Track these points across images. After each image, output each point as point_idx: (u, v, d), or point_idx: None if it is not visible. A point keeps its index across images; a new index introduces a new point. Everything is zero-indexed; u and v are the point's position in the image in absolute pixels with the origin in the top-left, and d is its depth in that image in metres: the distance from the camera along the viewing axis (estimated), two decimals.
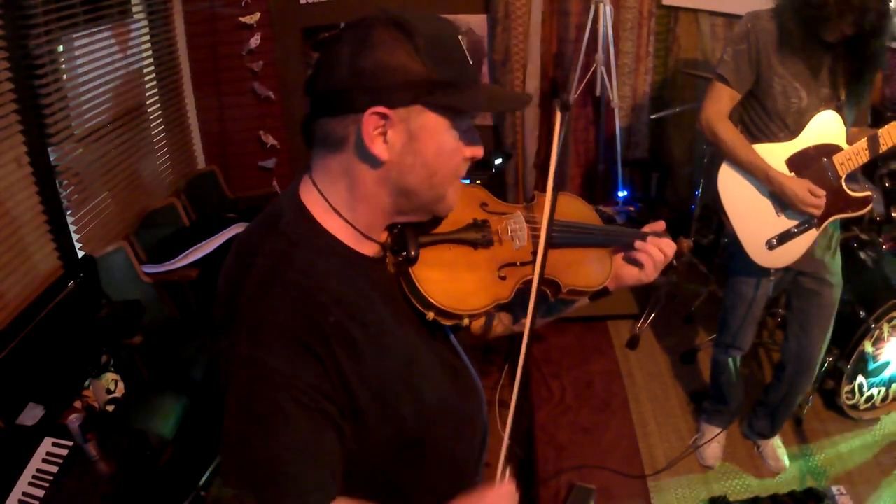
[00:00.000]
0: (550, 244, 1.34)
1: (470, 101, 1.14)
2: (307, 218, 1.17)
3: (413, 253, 1.20)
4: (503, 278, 1.29)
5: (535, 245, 1.31)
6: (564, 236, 1.42)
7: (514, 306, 1.44)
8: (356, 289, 1.15)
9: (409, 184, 1.15)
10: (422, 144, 1.12)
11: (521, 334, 1.28)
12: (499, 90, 1.25)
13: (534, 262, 1.30)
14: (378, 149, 1.10)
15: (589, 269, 1.47)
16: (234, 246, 1.21)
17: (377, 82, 1.07)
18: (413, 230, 1.23)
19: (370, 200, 1.17)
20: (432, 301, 1.19)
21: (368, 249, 1.22)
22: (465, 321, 1.25)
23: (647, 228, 1.57)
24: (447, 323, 1.24)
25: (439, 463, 1.30)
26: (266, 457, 1.06)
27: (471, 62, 1.16)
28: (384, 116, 1.08)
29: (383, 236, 1.25)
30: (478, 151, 1.21)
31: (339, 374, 1.09)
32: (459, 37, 1.16)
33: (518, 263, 1.33)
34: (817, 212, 2.53)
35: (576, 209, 1.56)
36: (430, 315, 1.21)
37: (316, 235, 1.16)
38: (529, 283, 1.29)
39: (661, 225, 1.59)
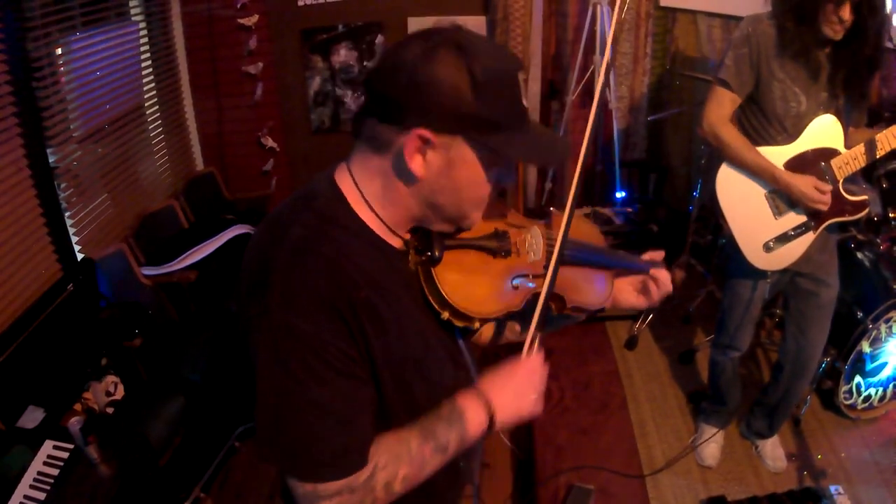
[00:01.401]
0: (562, 262, 1.38)
1: (509, 148, 1.16)
2: (342, 201, 1.21)
3: (438, 254, 1.26)
4: (515, 288, 1.34)
5: (549, 260, 1.35)
6: (576, 255, 1.48)
7: (521, 317, 1.47)
8: (383, 272, 1.20)
9: (438, 201, 1.20)
10: (457, 172, 1.16)
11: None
12: (542, 138, 1.25)
13: (545, 275, 1.33)
14: (416, 166, 1.14)
15: (593, 289, 1.53)
16: (265, 222, 1.24)
17: (429, 104, 1.10)
18: (438, 233, 1.28)
19: (400, 205, 1.22)
20: (450, 301, 1.24)
21: (394, 242, 1.26)
22: (477, 324, 1.29)
23: (646, 257, 1.63)
24: (460, 324, 1.27)
25: None
26: (297, 418, 1.10)
27: (523, 104, 1.19)
28: (427, 141, 1.12)
29: (407, 234, 1.29)
30: (509, 184, 1.27)
31: (366, 344, 1.14)
32: (519, 74, 1.18)
33: (531, 276, 1.37)
34: (824, 207, 2.53)
35: (586, 231, 1.61)
36: (446, 315, 1.25)
37: (348, 219, 1.20)
38: (538, 295, 1.32)
39: (660, 255, 1.64)
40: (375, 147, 1.18)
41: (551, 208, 1.57)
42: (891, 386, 3.37)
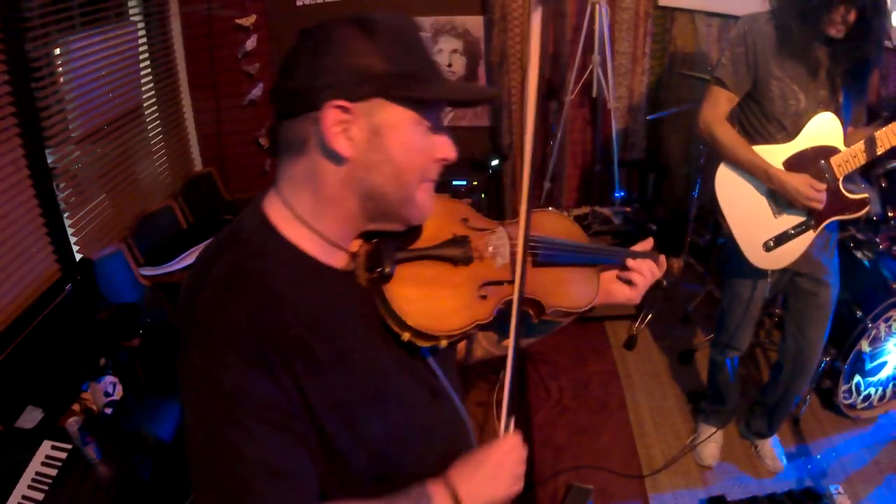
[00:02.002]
0: (535, 263, 1.32)
1: (432, 90, 1.10)
2: (269, 229, 1.12)
3: (388, 269, 1.13)
4: (484, 297, 1.23)
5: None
6: (550, 255, 1.37)
7: (497, 326, 1.35)
8: (321, 302, 1.11)
9: (375, 183, 1.10)
10: (386, 140, 1.08)
11: (503, 357, 1.25)
12: (464, 84, 1.20)
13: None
14: (340, 145, 1.06)
15: (574, 290, 1.41)
16: (196, 261, 1.14)
17: (336, 77, 1.04)
18: (389, 245, 1.17)
19: (336, 205, 1.12)
20: (408, 322, 1.12)
21: (337, 260, 1.16)
22: (444, 343, 1.17)
23: (637, 247, 1.53)
24: (424, 344, 1.16)
25: None
26: (224, 470, 1.01)
27: (432, 59, 1.13)
28: (345, 110, 1.05)
29: (354, 245, 1.19)
30: (449, 152, 1.16)
31: (299, 390, 1.04)
32: (422, 34, 1.13)
33: (500, 282, 1.26)
34: (819, 205, 2.52)
35: (563, 227, 1.49)
36: (406, 336, 1.14)
37: (278, 247, 1.11)
38: (510, 303, 1.23)
39: (649, 243, 1.56)
40: (295, 150, 1.10)
41: (549, 208, 1.49)
42: (890, 385, 3.37)
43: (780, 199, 2.61)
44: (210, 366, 1.01)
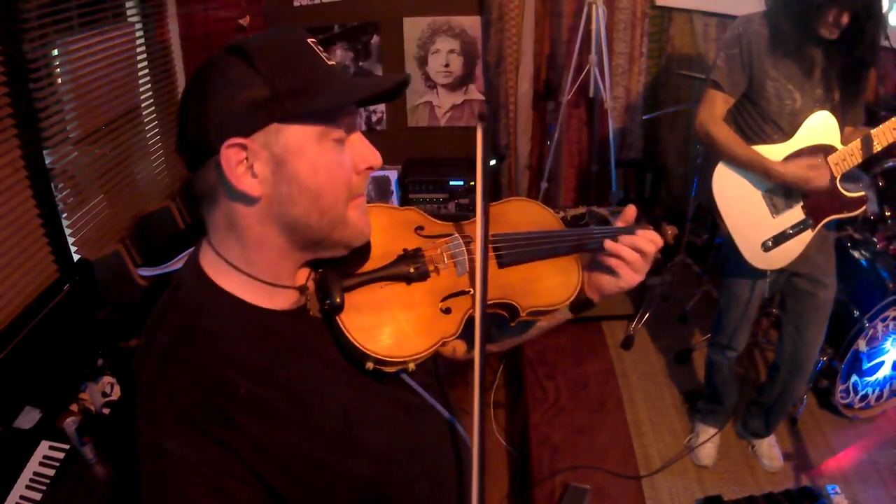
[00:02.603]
0: (500, 265, 1.25)
1: (325, 100, 1.01)
2: (206, 283, 1.07)
3: (337, 300, 1.07)
4: (447, 311, 1.16)
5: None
6: (515, 251, 1.27)
7: (468, 337, 1.24)
8: (269, 351, 1.05)
9: (295, 215, 1.03)
10: (292, 168, 1.01)
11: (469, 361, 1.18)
12: (369, 79, 1.10)
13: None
14: (246, 184, 1.00)
15: (550, 285, 1.29)
16: (144, 327, 1.10)
17: (223, 114, 0.98)
18: (336, 273, 1.11)
19: (264, 246, 1.06)
20: (367, 352, 1.07)
21: (284, 300, 1.11)
22: (411, 366, 1.11)
23: (619, 223, 1.39)
24: (390, 370, 1.11)
25: None
26: None
27: (327, 61, 1.04)
28: (242, 147, 0.98)
29: (301, 278, 1.13)
30: (370, 159, 1.09)
31: (259, 449, 0.99)
32: (310, 40, 1.04)
33: (463, 292, 1.19)
34: (823, 182, 2.52)
35: (529, 216, 1.38)
36: (370, 365, 1.08)
37: (217, 301, 1.06)
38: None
39: (631, 213, 1.40)
40: (209, 199, 1.06)
41: (514, 196, 1.38)
42: (888, 385, 3.37)
43: (778, 198, 2.62)
44: (156, 435, 0.99)
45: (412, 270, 1.16)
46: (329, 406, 1.08)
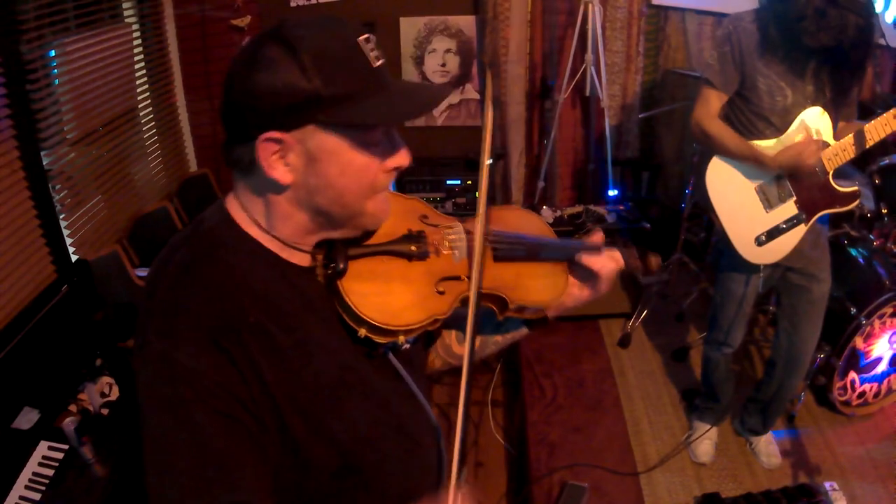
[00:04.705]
0: (495, 258, 1.32)
1: (364, 115, 1.05)
2: (230, 223, 1.13)
3: (342, 265, 1.14)
4: (441, 293, 1.24)
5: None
6: (510, 249, 1.36)
7: (460, 325, 1.33)
8: (282, 294, 1.11)
9: (319, 204, 1.10)
10: (323, 166, 1.06)
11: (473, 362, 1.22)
12: (411, 90, 1.12)
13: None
14: (278, 173, 1.06)
15: (539, 284, 1.39)
16: (162, 249, 1.15)
17: (265, 105, 1.02)
18: (343, 241, 1.18)
19: (289, 220, 1.12)
20: (363, 316, 1.13)
21: (297, 259, 1.16)
22: (401, 338, 1.17)
23: (587, 239, 1.46)
24: (381, 340, 1.16)
25: (384, 494, 1.22)
26: (173, 463, 0.98)
27: (374, 61, 1.07)
28: (278, 141, 1.03)
29: (312, 243, 1.19)
30: (400, 160, 1.14)
31: (259, 378, 1.02)
32: (361, 39, 1.06)
33: (458, 277, 1.27)
34: (816, 157, 2.49)
35: (526, 223, 1.48)
36: (363, 332, 1.14)
37: (240, 240, 1.12)
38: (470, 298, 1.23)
39: (599, 237, 1.46)
40: (242, 171, 1.11)
41: (512, 204, 1.49)
42: (885, 382, 3.38)
43: (772, 193, 2.63)
44: (166, 344, 1.01)
45: (414, 249, 1.23)
46: (327, 362, 1.13)
